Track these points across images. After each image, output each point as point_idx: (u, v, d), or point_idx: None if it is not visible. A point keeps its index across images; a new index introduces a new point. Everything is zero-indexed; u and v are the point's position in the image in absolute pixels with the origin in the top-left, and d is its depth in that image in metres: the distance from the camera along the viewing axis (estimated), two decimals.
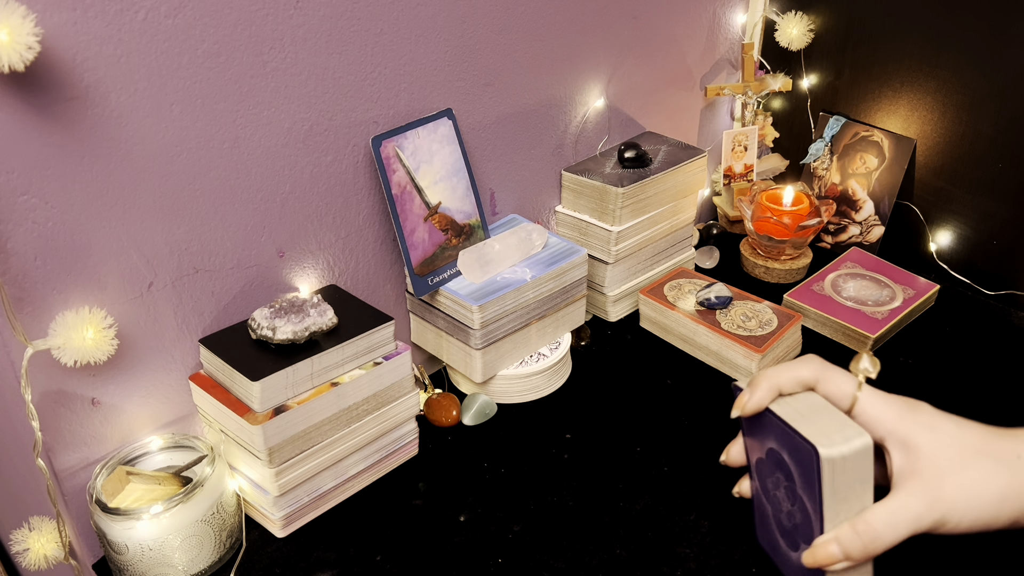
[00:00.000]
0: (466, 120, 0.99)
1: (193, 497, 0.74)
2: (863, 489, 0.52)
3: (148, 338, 0.79)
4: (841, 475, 0.51)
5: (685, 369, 1.06)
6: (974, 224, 1.19)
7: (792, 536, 0.57)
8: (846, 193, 1.29)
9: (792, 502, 0.55)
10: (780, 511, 0.57)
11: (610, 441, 0.94)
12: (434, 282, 0.95)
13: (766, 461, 0.58)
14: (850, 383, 0.54)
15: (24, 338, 0.68)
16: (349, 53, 0.84)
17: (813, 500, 0.52)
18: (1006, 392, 1.00)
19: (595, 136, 1.17)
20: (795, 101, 1.36)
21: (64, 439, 0.76)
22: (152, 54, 0.71)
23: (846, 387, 0.54)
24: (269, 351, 0.79)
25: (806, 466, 0.52)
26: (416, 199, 0.92)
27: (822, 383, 0.55)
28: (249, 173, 0.81)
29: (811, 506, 0.53)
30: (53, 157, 0.68)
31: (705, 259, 1.27)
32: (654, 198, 1.12)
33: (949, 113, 1.17)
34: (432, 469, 0.91)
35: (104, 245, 0.73)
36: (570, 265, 1.00)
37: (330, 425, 0.82)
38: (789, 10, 1.28)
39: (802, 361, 0.56)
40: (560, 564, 0.79)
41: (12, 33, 0.57)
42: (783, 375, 0.55)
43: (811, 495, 0.52)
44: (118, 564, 0.75)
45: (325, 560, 0.80)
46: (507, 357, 0.99)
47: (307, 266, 0.90)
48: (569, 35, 1.06)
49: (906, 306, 1.11)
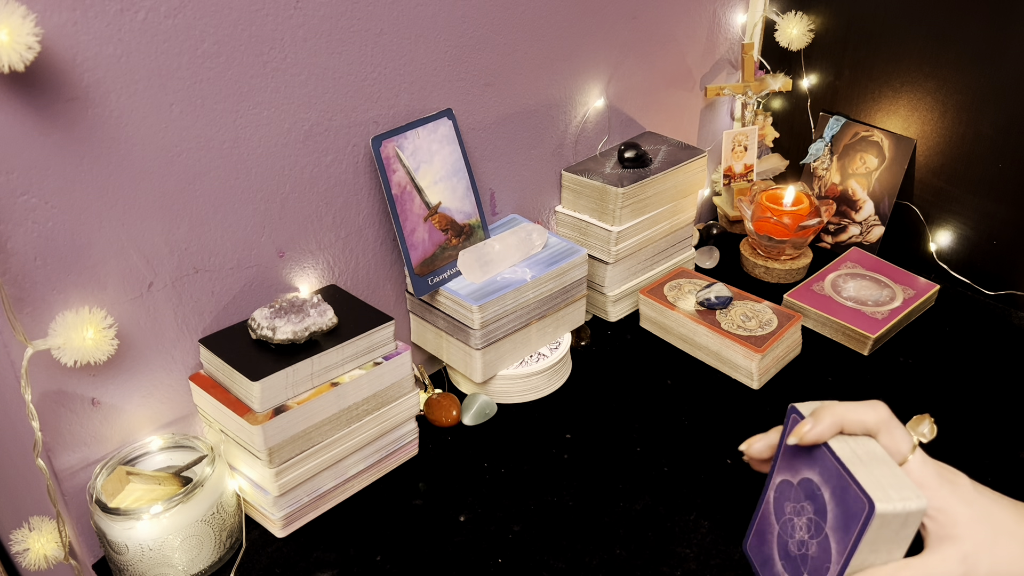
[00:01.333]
0: (466, 120, 0.99)
1: (193, 497, 0.74)
2: (898, 547, 0.52)
3: (148, 338, 0.79)
4: (885, 531, 0.51)
5: (685, 369, 1.06)
6: (974, 224, 1.19)
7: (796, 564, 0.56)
8: (846, 193, 1.29)
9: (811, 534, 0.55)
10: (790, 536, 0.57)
11: (610, 441, 0.94)
12: (434, 282, 0.95)
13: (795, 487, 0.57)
14: (907, 442, 0.54)
15: (24, 338, 0.68)
16: (349, 53, 0.84)
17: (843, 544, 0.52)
18: (1006, 392, 1.00)
19: (595, 136, 1.17)
20: (795, 101, 1.36)
21: (64, 439, 0.76)
22: (152, 54, 0.71)
23: (903, 446, 0.54)
24: (269, 351, 0.79)
25: (851, 513, 0.51)
26: (416, 199, 0.92)
27: (883, 434, 0.55)
28: (249, 173, 0.81)
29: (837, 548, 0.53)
30: (53, 157, 0.68)
31: (705, 259, 1.27)
32: (654, 198, 1.12)
33: (949, 113, 1.17)
34: (432, 469, 0.91)
35: (104, 245, 0.73)
36: (570, 265, 1.00)
37: (330, 425, 0.82)
38: (789, 10, 1.28)
39: (870, 406, 0.56)
40: (560, 564, 0.79)
41: (12, 33, 0.57)
42: (849, 415, 0.55)
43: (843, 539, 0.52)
44: (118, 564, 0.75)
45: (325, 560, 0.80)
46: (507, 357, 0.99)
47: (307, 266, 0.90)
48: (569, 35, 1.06)
49: (906, 306, 1.11)
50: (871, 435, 0.55)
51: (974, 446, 0.92)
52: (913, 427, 0.56)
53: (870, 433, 0.55)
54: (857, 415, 0.55)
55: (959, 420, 0.95)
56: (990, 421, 0.96)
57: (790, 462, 0.58)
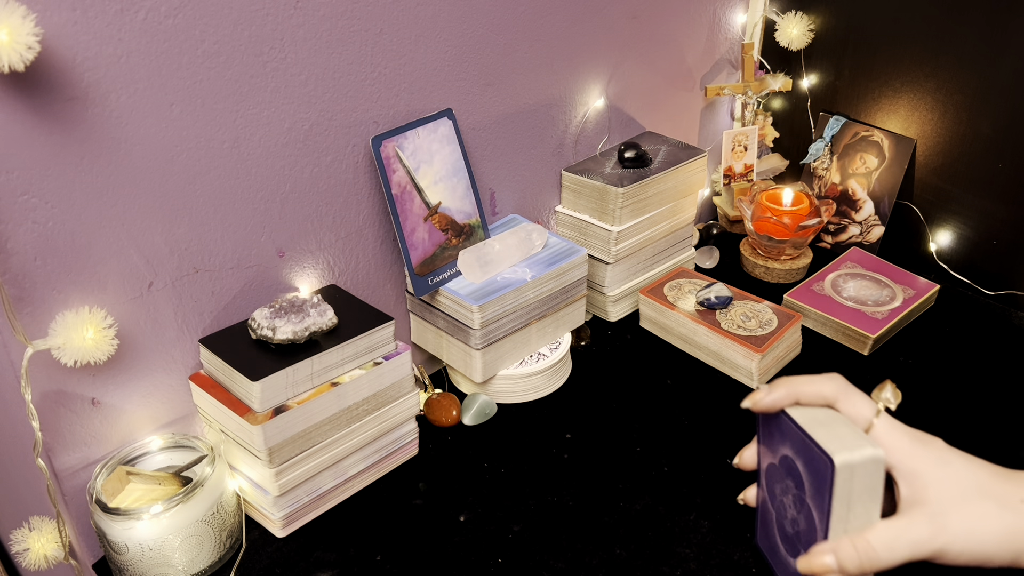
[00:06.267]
0: (466, 120, 0.99)
1: (193, 497, 0.74)
2: (871, 504, 0.52)
3: (148, 338, 0.79)
4: (852, 484, 0.51)
5: (685, 369, 1.06)
6: (974, 224, 1.19)
7: (793, 542, 0.57)
8: (846, 193, 1.29)
9: (798, 509, 0.56)
10: (784, 517, 0.58)
11: (610, 441, 0.94)
12: (434, 282, 0.95)
13: (777, 467, 0.58)
14: (869, 408, 0.55)
15: (24, 338, 0.68)
16: (349, 53, 0.84)
17: (821, 508, 0.53)
18: (1006, 392, 1.00)
19: (595, 136, 1.17)
20: (795, 101, 1.36)
21: (64, 439, 0.76)
22: (152, 54, 0.71)
23: (865, 411, 0.55)
24: (269, 351, 0.79)
25: (819, 473, 0.52)
26: (416, 199, 0.92)
27: (842, 403, 0.55)
28: (249, 173, 0.81)
29: (818, 515, 0.53)
30: (53, 157, 0.68)
31: (705, 259, 1.27)
32: (654, 198, 1.12)
33: (949, 113, 1.17)
34: (432, 469, 0.91)
35: (104, 245, 0.73)
36: (570, 265, 1.00)
37: (330, 425, 0.82)
38: (789, 10, 1.28)
39: (825, 377, 0.57)
40: (560, 564, 0.79)
41: (12, 33, 0.57)
42: (804, 385, 0.56)
43: (819, 503, 0.53)
44: (118, 564, 0.75)
45: (325, 560, 0.80)
46: (507, 357, 0.99)
47: (307, 266, 0.90)
48: (569, 35, 1.06)
49: (906, 306, 1.11)
50: (830, 405, 0.56)
51: (974, 446, 0.91)
52: (876, 395, 0.56)
53: (828, 403, 0.56)
54: (813, 386, 0.56)
55: (959, 420, 0.95)
56: (990, 421, 0.96)
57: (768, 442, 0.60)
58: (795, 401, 0.56)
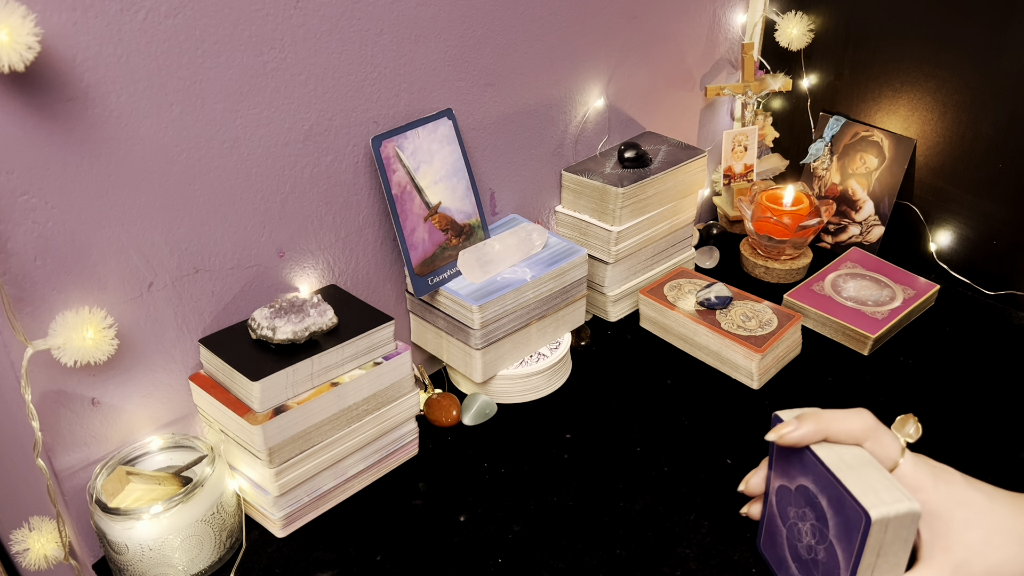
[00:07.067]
0: (466, 120, 0.99)
1: (193, 497, 0.74)
2: (901, 552, 0.52)
3: (148, 338, 0.79)
4: (885, 536, 0.51)
5: (685, 369, 1.06)
6: (974, 224, 1.19)
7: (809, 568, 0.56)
8: (846, 193, 1.29)
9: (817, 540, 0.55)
10: (798, 539, 0.57)
11: (610, 441, 0.94)
12: (434, 282, 0.95)
13: (793, 492, 0.57)
14: (895, 447, 0.54)
15: (24, 338, 0.68)
16: (349, 53, 0.84)
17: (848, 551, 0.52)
18: (1006, 392, 1.00)
19: (595, 136, 1.17)
20: (795, 101, 1.36)
21: (64, 439, 0.76)
22: (152, 54, 0.71)
23: (892, 451, 0.54)
24: (269, 351, 0.79)
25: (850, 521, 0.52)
26: (416, 199, 0.92)
27: (871, 442, 0.54)
28: (249, 173, 0.81)
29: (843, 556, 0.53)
30: (53, 157, 0.68)
31: (705, 259, 1.27)
32: (654, 198, 1.12)
33: (949, 113, 1.17)
34: (432, 469, 0.91)
35: (104, 245, 0.73)
36: (570, 265, 1.00)
37: (330, 425, 0.82)
38: (789, 10, 1.28)
39: (855, 414, 0.55)
40: (560, 564, 0.79)
41: (12, 33, 0.57)
42: (834, 424, 0.54)
43: (847, 547, 0.52)
44: (118, 564, 0.75)
45: (325, 560, 0.80)
46: (507, 357, 0.99)
47: (307, 266, 0.90)
48: (569, 35, 1.06)
49: (906, 306, 1.11)
50: (858, 443, 0.55)
51: (974, 446, 0.92)
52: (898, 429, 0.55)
53: (857, 441, 0.55)
54: (843, 424, 0.54)
55: (959, 420, 0.95)
56: (990, 421, 0.96)
57: (783, 468, 0.58)
58: (823, 439, 0.55)
